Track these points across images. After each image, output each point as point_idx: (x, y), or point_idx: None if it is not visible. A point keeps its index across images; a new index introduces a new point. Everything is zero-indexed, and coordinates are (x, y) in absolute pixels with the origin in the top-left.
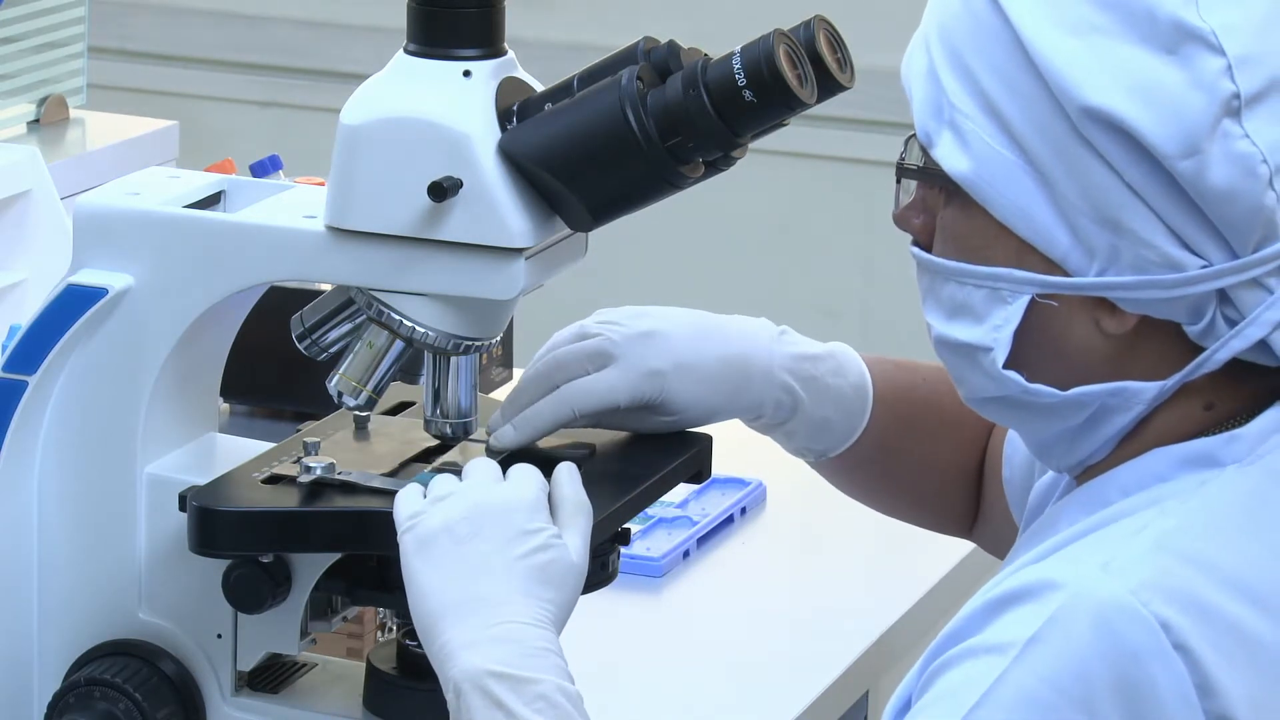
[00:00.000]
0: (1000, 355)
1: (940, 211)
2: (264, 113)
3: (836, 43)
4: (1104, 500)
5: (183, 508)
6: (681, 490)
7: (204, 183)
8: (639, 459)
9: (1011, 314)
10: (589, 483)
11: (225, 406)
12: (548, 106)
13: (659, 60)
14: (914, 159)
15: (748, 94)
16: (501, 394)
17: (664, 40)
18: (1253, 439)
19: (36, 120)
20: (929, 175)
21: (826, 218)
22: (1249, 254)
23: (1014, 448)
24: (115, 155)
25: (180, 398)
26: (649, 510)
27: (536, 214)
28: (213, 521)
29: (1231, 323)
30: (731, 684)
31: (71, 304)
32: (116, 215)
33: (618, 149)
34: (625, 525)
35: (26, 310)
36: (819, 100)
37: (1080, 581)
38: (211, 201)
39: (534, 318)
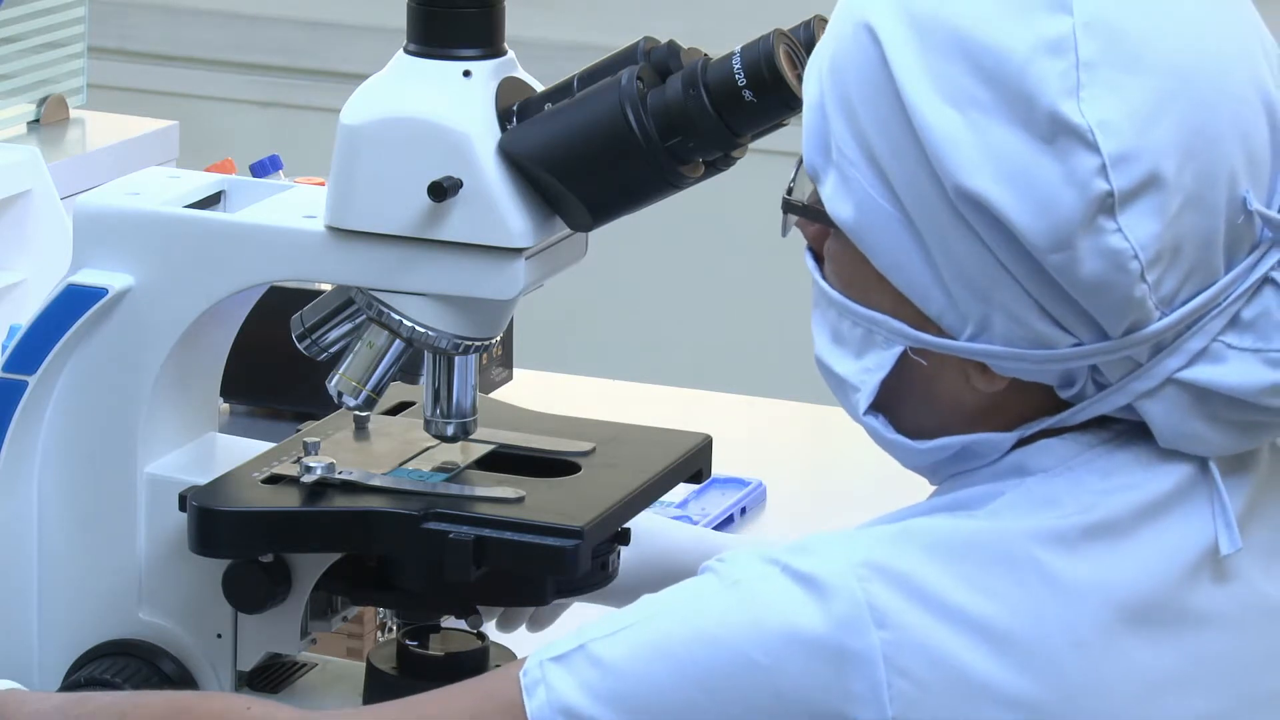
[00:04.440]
0: (864, 401)
1: (828, 240)
2: (264, 113)
3: None
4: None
5: (183, 508)
6: (681, 490)
7: (204, 183)
8: (639, 459)
9: (884, 360)
10: (589, 482)
11: (225, 406)
12: (548, 106)
13: (659, 60)
14: (801, 193)
15: (748, 94)
16: (502, 394)
17: (664, 40)
18: (1063, 453)
19: (36, 120)
20: (814, 215)
21: None
22: (1119, 336)
23: None
24: (115, 155)
25: (180, 398)
26: (649, 510)
27: (536, 214)
28: (213, 521)
29: (1100, 386)
30: None
31: (71, 304)
32: (116, 215)
33: (618, 149)
34: (625, 525)
35: (26, 310)
36: None
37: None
38: (211, 201)
39: (534, 318)
